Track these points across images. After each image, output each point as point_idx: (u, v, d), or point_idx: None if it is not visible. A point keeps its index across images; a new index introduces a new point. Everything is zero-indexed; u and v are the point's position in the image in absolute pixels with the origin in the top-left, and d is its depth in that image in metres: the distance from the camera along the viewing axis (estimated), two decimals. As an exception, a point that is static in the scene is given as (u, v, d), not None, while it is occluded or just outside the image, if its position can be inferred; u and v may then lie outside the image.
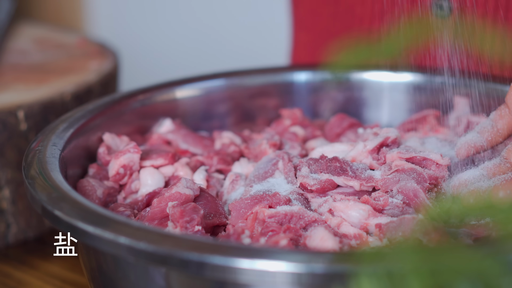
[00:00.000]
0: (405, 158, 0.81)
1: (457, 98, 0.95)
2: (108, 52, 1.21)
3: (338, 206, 0.76)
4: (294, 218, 0.75)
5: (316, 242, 0.71)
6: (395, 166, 0.80)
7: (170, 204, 0.77)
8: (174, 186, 0.79)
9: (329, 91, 0.99)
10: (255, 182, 0.83)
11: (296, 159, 0.85)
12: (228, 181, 0.85)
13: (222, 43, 1.74)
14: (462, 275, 0.59)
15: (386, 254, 0.63)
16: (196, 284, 0.69)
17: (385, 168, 0.80)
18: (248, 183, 0.84)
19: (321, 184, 0.79)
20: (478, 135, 0.83)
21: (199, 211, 0.76)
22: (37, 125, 1.03)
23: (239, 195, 0.83)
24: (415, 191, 0.77)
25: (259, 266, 0.63)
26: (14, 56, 1.21)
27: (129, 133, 0.93)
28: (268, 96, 1.00)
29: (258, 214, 0.76)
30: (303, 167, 0.81)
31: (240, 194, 0.83)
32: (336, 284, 0.62)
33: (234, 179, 0.85)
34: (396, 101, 0.99)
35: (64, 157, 0.83)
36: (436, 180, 0.79)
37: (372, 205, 0.77)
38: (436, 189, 0.79)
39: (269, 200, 0.77)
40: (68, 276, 0.97)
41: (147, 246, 0.66)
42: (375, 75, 0.99)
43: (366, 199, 0.77)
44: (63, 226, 0.71)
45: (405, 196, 0.77)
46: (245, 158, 0.90)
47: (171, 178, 0.87)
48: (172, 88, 0.97)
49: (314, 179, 0.80)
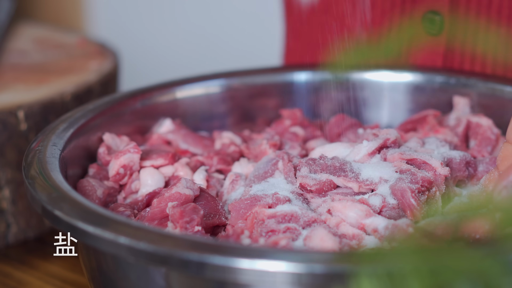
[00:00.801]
0: (406, 159, 0.81)
1: (457, 98, 0.95)
2: (108, 52, 1.21)
3: (336, 206, 0.76)
4: (294, 218, 0.75)
5: (315, 242, 0.71)
6: (393, 166, 0.80)
7: (170, 205, 0.77)
8: (174, 186, 0.79)
9: (329, 91, 0.99)
10: (255, 182, 0.83)
11: (296, 159, 0.85)
12: (228, 181, 0.85)
13: (222, 43, 1.74)
14: (462, 275, 0.60)
15: (386, 254, 0.63)
16: (196, 284, 0.69)
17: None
18: (248, 183, 0.84)
19: (321, 185, 0.79)
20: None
21: (199, 211, 0.76)
22: (37, 125, 1.03)
23: (239, 195, 0.83)
24: (402, 191, 0.77)
25: (259, 266, 0.63)
26: (14, 56, 1.21)
27: (129, 133, 0.93)
28: (268, 96, 1.00)
29: (257, 214, 0.76)
30: (303, 167, 0.81)
31: (240, 194, 0.83)
32: (336, 284, 0.62)
33: (234, 179, 0.85)
34: (396, 101, 0.99)
35: (64, 157, 0.83)
36: (429, 183, 0.78)
37: (369, 206, 0.77)
38: (429, 192, 0.78)
39: (269, 200, 0.77)
40: (68, 276, 0.97)
41: (147, 246, 0.66)
42: (375, 75, 0.99)
43: (363, 199, 0.77)
44: (63, 226, 0.71)
45: (395, 195, 0.77)
46: (245, 158, 0.90)
47: (171, 178, 0.87)
48: (172, 88, 0.97)
49: (313, 179, 0.80)
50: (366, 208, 0.76)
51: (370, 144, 0.82)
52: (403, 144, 0.86)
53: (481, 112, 0.93)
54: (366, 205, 0.76)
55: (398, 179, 0.78)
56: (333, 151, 0.85)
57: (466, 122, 0.91)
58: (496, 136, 0.90)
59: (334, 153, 0.84)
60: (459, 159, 0.83)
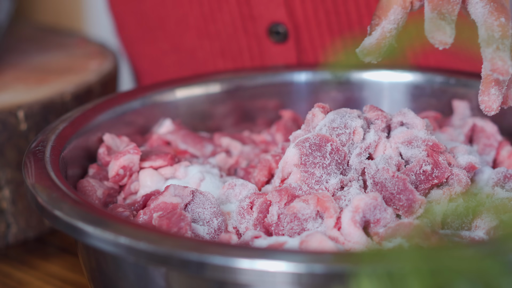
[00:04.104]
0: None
1: (456, 102, 0.95)
2: (108, 52, 1.21)
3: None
4: (294, 218, 0.75)
5: (315, 246, 0.71)
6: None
7: (155, 216, 0.76)
8: (161, 195, 0.78)
9: (329, 91, 0.99)
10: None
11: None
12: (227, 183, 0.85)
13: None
14: (462, 275, 0.60)
15: (386, 254, 0.63)
16: (196, 284, 0.69)
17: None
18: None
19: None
20: None
21: (186, 218, 0.75)
22: (37, 125, 1.03)
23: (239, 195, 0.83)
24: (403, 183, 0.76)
25: (259, 266, 0.63)
26: (14, 56, 1.21)
27: (129, 133, 0.93)
28: (268, 96, 1.00)
29: (257, 215, 0.76)
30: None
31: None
32: (336, 284, 0.62)
33: (231, 182, 0.84)
34: (396, 101, 0.99)
35: (64, 157, 0.83)
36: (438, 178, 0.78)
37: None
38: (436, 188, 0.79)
39: (269, 200, 0.77)
40: (68, 276, 0.97)
41: (147, 246, 0.66)
42: (375, 75, 0.99)
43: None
44: (63, 226, 0.71)
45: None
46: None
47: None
48: (172, 88, 0.97)
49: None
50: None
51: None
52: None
53: (480, 113, 0.93)
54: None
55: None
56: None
57: (472, 124, 0.91)
58: (499, 144, 0.89)
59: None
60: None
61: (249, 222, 0.77)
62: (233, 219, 0.79)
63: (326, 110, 0.82)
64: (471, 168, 0.80)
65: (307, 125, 0.83)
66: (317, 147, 0.78)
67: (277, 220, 0.75)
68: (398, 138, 0.80)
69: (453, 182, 0.78)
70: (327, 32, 1.05)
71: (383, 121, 0.81)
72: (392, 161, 0.78)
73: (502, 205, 0.76)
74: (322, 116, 0.82)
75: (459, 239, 0.75)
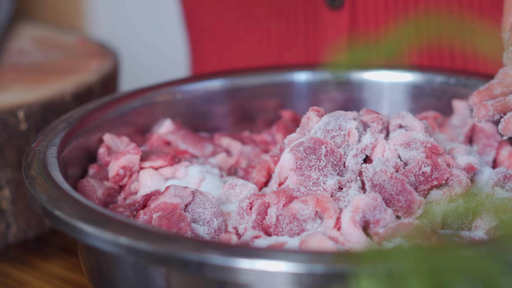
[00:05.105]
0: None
1: (456, 102, 0.95)
2: (108, 52, 1.21)
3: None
4: (293, 219, 0.75)
5: (315, 246, 0.71)
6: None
7: (154, 216, 0.76)
8: (161, 196, 0.78)
9: (329, 91, 0.99)
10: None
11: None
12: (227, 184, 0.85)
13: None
14: (462, 275, 0.60)
15: (386, 254, 0.63)
16: (196, 284, 0.69)
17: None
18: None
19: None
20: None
21: (186, 218, 0.75)
22: (37, 125, 1.03)
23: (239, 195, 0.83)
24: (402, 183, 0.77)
25: (259, 266, 0.63)
26: (14, 56, 1.21)
27: (129, 133, 0.92)
28: (268, 96, 1.00)
29: (255, 216, 0.76)
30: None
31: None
32: (336, 284, 0.62)
33: (231, 182, 0.84)
34: (396, 101, 0.99)
35: (64, 157, 0.83)
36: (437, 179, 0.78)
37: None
38: (437, 188, 0.79)
39: (267, 201, 0.77)
40: (68, 276, 0.97)
41: (147, 246, 0.66)
42: (375, 75, 0.99)
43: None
44: (63, 226, 0.71)
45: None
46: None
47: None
48: (172, 88, 0.97)
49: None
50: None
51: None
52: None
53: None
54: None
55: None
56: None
57: (472, 124, 0.91)
58: (499, 144, 0.89)
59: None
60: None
61: (248, 223, 0.77)
62: (233, 219, 0.79)
63: (321, 113, 0.83)
64: (470, 168, 0.81)
65: (302, 128, 0.83)
66: (312, 150, 0.78)
67: (275, 221, 0.75)
68: (397, 140, 0.80)
69: (453, 182, 0.78)
70: (382, 8, 1.06)
71: (379, 123, 0.81)
72: (389, 163, 0.78)
73: (502, 205, 0.76)
74: (317, 119, 0.82)
75: (459, 239, 0.75)
